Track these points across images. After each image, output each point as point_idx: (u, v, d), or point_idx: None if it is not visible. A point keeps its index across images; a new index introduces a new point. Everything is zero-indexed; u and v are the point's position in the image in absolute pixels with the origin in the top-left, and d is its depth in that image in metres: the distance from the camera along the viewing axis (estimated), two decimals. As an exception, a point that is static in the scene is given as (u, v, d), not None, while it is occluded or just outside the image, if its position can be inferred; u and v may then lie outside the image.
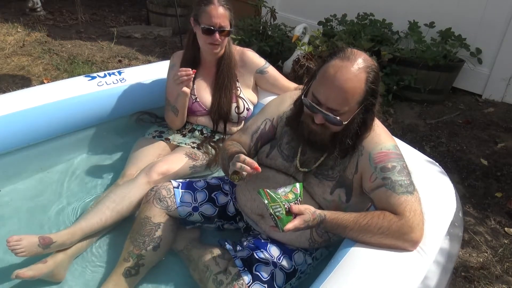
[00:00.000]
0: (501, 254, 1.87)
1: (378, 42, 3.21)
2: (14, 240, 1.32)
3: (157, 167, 1.67)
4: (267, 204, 1.10)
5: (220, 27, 1.73)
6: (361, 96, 1.15)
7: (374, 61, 1.18)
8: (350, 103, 1.15)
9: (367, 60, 1.15)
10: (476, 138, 2.78)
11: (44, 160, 1.95)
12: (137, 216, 1.49)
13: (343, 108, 1.15)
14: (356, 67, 1.12)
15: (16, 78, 3.27)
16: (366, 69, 1.14)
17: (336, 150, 1.24)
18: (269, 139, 1.46)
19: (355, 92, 1.14)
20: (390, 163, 1.19)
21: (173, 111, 1.86)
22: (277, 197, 1.10)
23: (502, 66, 3.18)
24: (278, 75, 2.00)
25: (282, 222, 1.09)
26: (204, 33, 1.75)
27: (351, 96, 1.14)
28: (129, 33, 4.47)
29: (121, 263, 1.40)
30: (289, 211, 1.10)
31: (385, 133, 1.29)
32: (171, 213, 1.48)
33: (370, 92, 1.16)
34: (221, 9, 1.72)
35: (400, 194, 1.15)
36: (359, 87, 1.14)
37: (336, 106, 1.15)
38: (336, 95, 1.14)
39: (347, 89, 1.12)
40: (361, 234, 1.15)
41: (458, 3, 3.27)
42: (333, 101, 1.15)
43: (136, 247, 1.41)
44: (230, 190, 1.57)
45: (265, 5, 3.93)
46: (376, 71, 1.17)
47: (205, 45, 1.78)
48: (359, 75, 1.13)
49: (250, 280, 1.23)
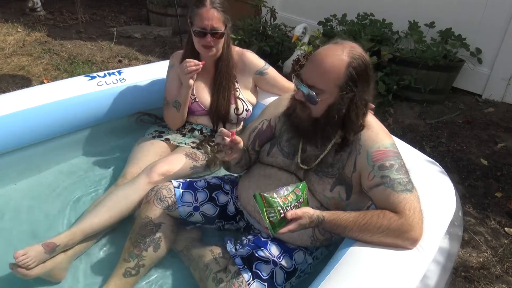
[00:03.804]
0: (501, 254, 1.87)
1: (378, 42, 3.21)
2: (21, 255, 1.32)
3: (157, 168, 1.67)
4: (261, 209, 1.09)
5: (212, 29, 1.72)
6: (339, 79, 1.16)
7: (367, 55, 1.20)
8: (326, 81, 1.16)
9: (355, 48, 1.17)
10: (476, 138, 2.78)
11: (43, 160, 1.95)
12: (137, 216, 1.49)
13: (319, 84, 1.17)
14: (340, 49, 1.16)
15: (16, 78, 3.27)
16: (350, 54, 1.15)
17: (317, 137, 1.26)
18: (268, 138, 1.47)
19: (333, 71, 1.15)
20: (388, 162, 1.20)
21: (175, 106, 1.86)
22: (274, 201, 1.09)
23: (502, 66, 3.18)
24: (278, 76, 2.00)
25: (274, 227, 1.09)
26: (196, 36, 1.75)
27: (328, 74, 1.15)
28: (129, 33, 4.47)
29: (121, 263, 1.40)
30: (284, 216, 1.09)
31: (383, 131, 1.29)
32: (172, 213, 1.48)
33: (350, 77, 1.16)
34: (213, 11, 1.71)
35: (399, 192, 1.16)
36: (338, 66, 1.15)
37: (312, 81, 1.17)
38: (313, 69, 1.18)
39: (324, 65, 1.15)
40: (361, 234, 1.15)
41: (458, 3, 3.27)
42: (310, 75, 1.18)
43: (137, 247, 1.41)
44: (230, 189, 1.57)
45: (265, 5, 3.93)
46: (363, 61, 1.17)
47: (199, 47, 1.79)
48: (341, 56, 1.15)
49: (249, 278, 1.24)
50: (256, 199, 1.10)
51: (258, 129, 1.49)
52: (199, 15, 1.72)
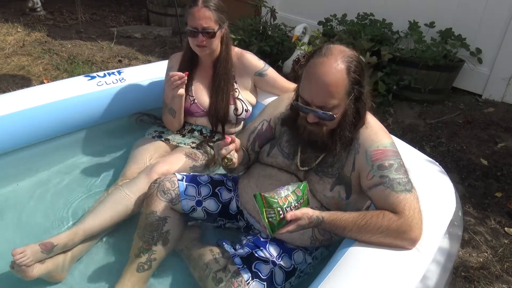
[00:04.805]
0: (501, 254, 1.87)
1: (378, 42, 3.21)
2: (18, 253, 1.32)
3: (157, 168, 1.67)
4: (261, 209, 1.09)
5: (203, 29, 1.72)
6: (345, 87, 1.15)
7: (353, 51, 1.19)
8: (336, 96, 1.15)
9: (344, 51, 1.16)
10: (476, 138, 2.78)
11: (43, 160, 1.95)
12: (143, 211, 1.48)
13: (331, 102, 1.15)
14: (333, 60, 1.13)
15: (16, 78, 3.27)
16: (344, 60, 1.14)
17: (337, 146, 1.24)
18: (268, 139, 1.47)
19: (338, 84, 1.14)
20: (387, 161, 1.19)
21: (170, 113, 1.87)
22: (274, 202, 1.09)
23: (502, 66, 3.18)
24: (278, 76, 1.99)
25: (273, 228, 1.09)
26: (189, 35, 1.75)
27: (335, 88, 1.14)
28: (129, 33, 4.47)
29: (132, 259, 1.40)
30: (283, 217, 1.09)
31: (382, 130, 1.29)
32: (175, 207, 1.47)
33: (354, 81, 1.16)
34: (205, 10, 1.70)
35: (399, 192, 1.15)
36: (341, 77, 1.14)
37: (322, 102, 1.15)
38: (319, 91, 1.15)
39: (328, 83, 1.13)
40: (360, 234, 1.15)
41: (458, 3, 3.27)
42: (318, 98, 1.16)
43: (145, 243, 1.41)
44: (233, 186, 1.57)
45: (265, 5, 3.93)
46: (356, 60, 1.17)
47: (194, 46, 1.79)
48: (338, 67, 1.13)
49: (249, 277, 1.24)
50: (256, 199, 1.10)
51: (258, 130, 1.49)
52: (191, 14, 1.72)
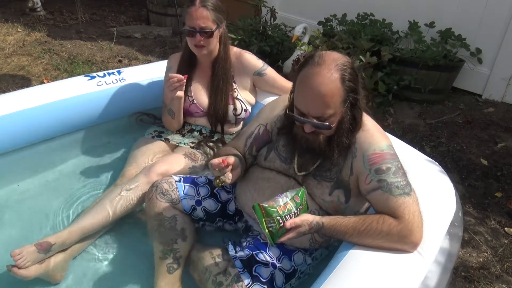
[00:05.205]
0: (501, 254, 1.87)
1: (378, 42, 3.20)
2: (17, 255, 1.32)
3: (156, 168, 1.66)
4: (260, 219, 1.08)
5: (201, 29, 1.71)
6: (341, 96, 1.15)
7: (347, 57, 1.17)
8: (332, 106, 1.14)
9: (337, 59, 1.14)
10: (476, 138, 2.77)
11: (42, 160, 1.95)
12: (148, 217, 1.47)
13: (327, 112, 1.14)
14: (327, 70, 1.12)
15: (16, 78, 3.27)
16: (338, 68, 1.12)
17: (335, 152, 1.23)
18: (265, 142, 1.46)
19: (333, 94, 1.13)
20: (385, 165, 1.18)
21: (169, 114, 1.87)
22: (273, 211, 1.08)
23: (502, 66, 3.17)
24: (277, 76, 1.99)
25: (273, 237, 1.09)
26: (187, 35, 1.75)
27: (330, 98, 1.13)
28: (129, 33, 4.47)
29: (159, 263, 1.39)
30: (283, 226, 1.09)
31: (379, 132, 1.28)
32: (176, 207, 1.46)
33: (349, 89, 1.15)
34: (202, 10, 1.70)
35: (398, 196, 1.14)
36: (336, 87, 1.13)
37: (319, 112, 1.15)
38: (315, 102, 1.14)
39: (324, 94, 1.12)
40: (360, 239, 1.14)
41: (458, 3, 3.27)
42: (314, 109, 1.15)
43: (166, 244, 1.40)
44: (231, 188, 1.56)
45: (265, 5, 3.93)
46: (350, 67, 1.15)
47: (192, 46, 1.78)
48: (332, 76, 1.12)
49: (249, 281, 1.23)
50: (255, 210, 1.09)
51: (255, 134, 1.47)
52: (189, 14, 1.72)
